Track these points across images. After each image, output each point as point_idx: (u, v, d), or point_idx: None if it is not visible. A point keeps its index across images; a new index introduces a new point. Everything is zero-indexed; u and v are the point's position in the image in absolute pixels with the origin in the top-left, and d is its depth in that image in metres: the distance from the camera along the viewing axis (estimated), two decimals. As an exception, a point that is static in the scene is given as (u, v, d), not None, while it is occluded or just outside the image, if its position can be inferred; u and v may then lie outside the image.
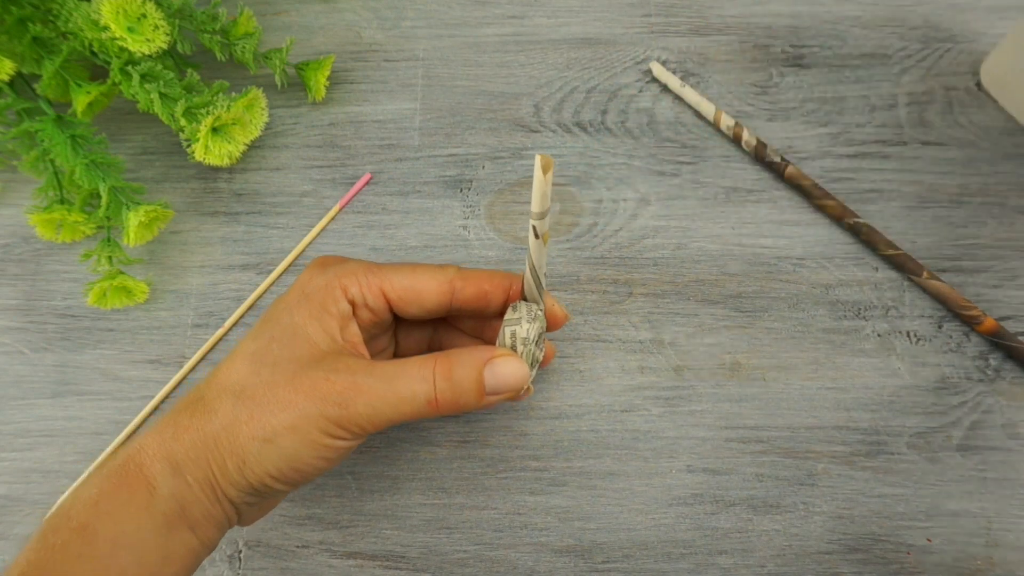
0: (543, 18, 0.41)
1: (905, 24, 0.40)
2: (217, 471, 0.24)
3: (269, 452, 0.24)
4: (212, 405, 0.25)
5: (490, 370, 0.26)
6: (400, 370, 0.25)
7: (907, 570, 0.31)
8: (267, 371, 0.25)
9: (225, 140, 0.35)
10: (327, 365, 0.25)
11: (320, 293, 0.27)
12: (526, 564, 0.32)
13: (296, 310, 0.26)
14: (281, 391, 0.24)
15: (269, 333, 0.26)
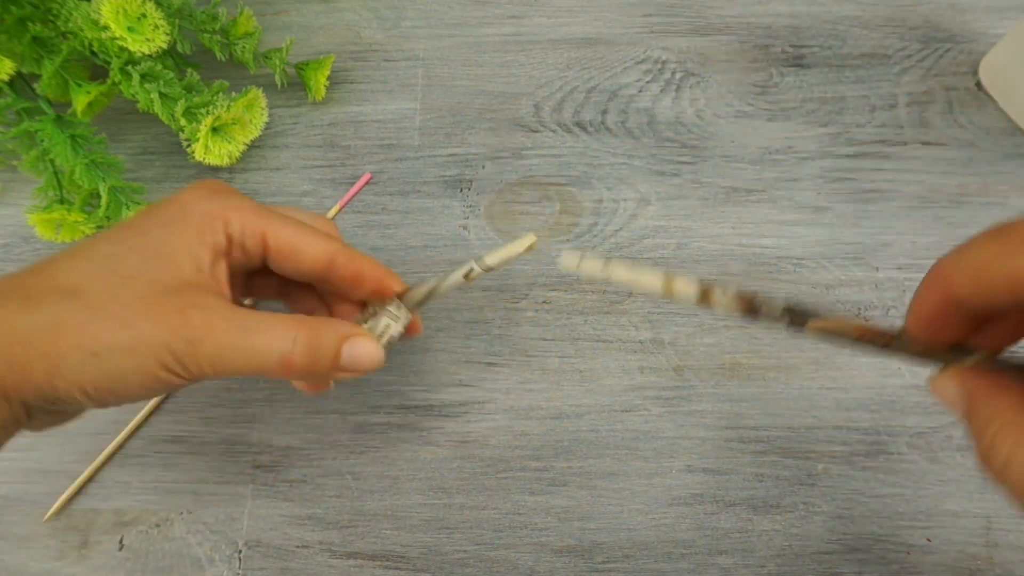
0: (543, 18, 0.41)
1: (905, 24, 0.40)
2: (18, 369, 0.22)
3: (91, 367, 0.22)
4: (36, 299, 0.23)
5: (350, 346, 0.25)
6: (261, 324, 0.24)
7: (907, 570, 0.31)
8: (117, 281, 0.23)
9: (225, 140, 0.35)
10: (187, 297, 0.23)
11: (200, 219, 0.25)
12: (526, 564, 0.32)
13: (170, 228, 0.25)
14: (126, 308, 0.23)
15: (131, 242, 0.24)
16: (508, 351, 0.35)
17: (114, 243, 0.24)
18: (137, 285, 0.23)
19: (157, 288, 0.23)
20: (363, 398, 0.35)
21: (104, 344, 0.22)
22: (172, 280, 0.24)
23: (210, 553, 0.33)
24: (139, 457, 0.34)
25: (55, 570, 0.33)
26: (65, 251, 0.25)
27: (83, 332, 0.22)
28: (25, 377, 0.22)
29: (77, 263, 0.24)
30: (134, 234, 0.25)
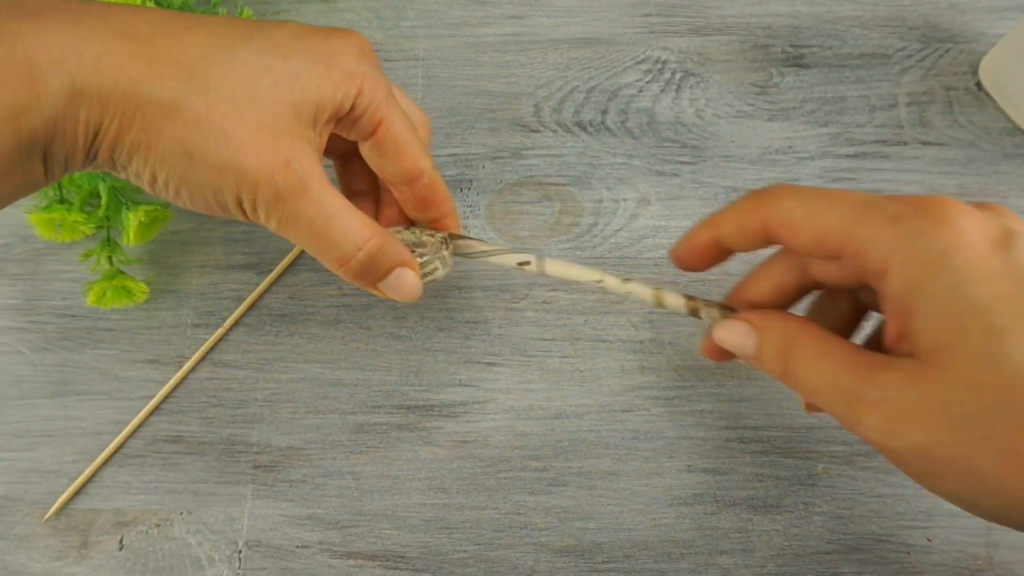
0: (543, 18, 0.41)
1: (905, 24, 0.40)
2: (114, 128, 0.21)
3: (178, 164, 0.22)
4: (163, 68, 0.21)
5: (398, 275, 0.26)
6: (342, 214, 0.24)
7: (907, 570, 0.31)
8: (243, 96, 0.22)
9: (225, 140, 0.35)
10: (296, 146, 0.23)
11: (343, 76, 0.24)
12: (526, 564, 0.32)
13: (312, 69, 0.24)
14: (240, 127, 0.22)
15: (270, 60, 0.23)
16: (508, 351, 0.35)
17: (256, 52, 0.23)
18: (260, 110, 0.22)
19: (275, 123, 0.23)
20: (363, 398, 0.35)
21: (203, 152, 0.22)
22: (291, 122, 0.23)
23: (210, 553, 0.33)
24: (139, 457, 0.34)
25: (55, 570, 0.33)
26: (204, 22, 0.23)
27: (192, 128, 0.21)
28: (116, 135, 0.21)
29: (215, 50, 0.22)
30: (277, 54, 0.24)
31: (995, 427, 0.19)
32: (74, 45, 0.20)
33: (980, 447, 0.19)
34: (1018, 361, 0.19)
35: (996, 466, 0.19)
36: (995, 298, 0.19)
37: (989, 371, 0.19)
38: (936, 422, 0.20)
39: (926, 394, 0.20)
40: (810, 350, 0.22)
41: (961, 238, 0.20)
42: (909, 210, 0.21)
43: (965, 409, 0.19)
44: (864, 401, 0.21)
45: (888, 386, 0.20)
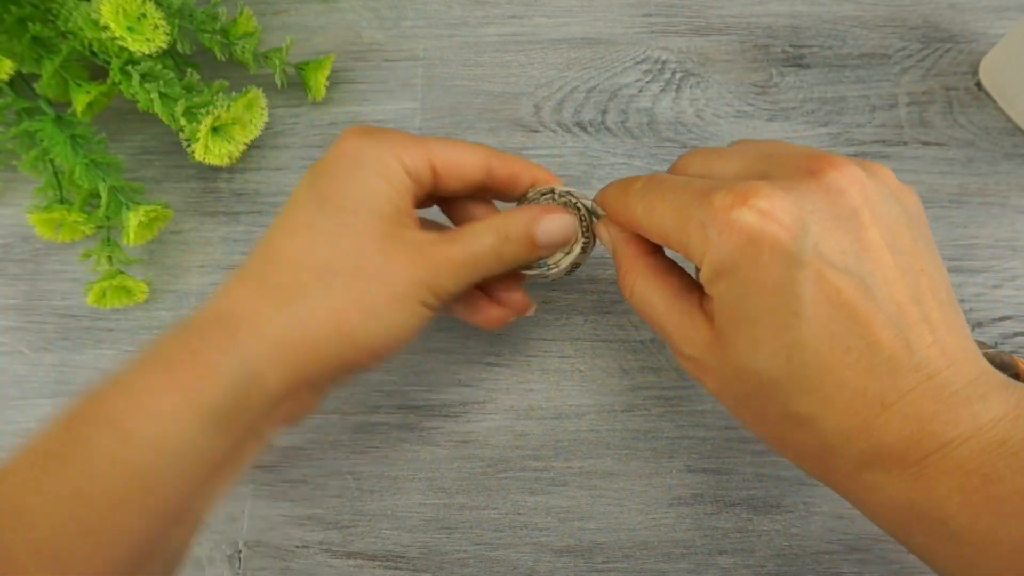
0: (543, 18, 0.41)
1: (905, 24, 0.40)
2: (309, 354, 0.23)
3: (374, 328, 0.24)
4: (291, 286, 0.23)
5: (542, 225, 0.27)
6: (469, 233, 0.26)
7: (907, 570, 0.31)
8: (348, 243, 0.24)
9: (225, 140, 0.35)
10: (408, 238, 0.25)
11: (378, 164, 0.25)
12: (526, 564, 0.32)
13: (359, 182, 0.25)
14: (373, 263, 0.24)
15: (333, 203, 0.25)
16: (508, 351, 0.35)
17: (315, 211, 0.25)
18: (369, 240, 0.24)
19: (384, 237, 0.25)
20: (363, 398, 0.35)
21: (374, 302, 0.24)
22: (389, 229, 0.25)
23: (210, 553, 0.33)
24: (139, 457, 0.34)
25: (55, 570, 0.33)
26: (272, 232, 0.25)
27: (357, 300, 0.24)
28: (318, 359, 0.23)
29: (298, 240, 0.25)
30: (327, 199, 0.25)
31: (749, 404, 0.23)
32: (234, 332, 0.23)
33: (741, 408, 0.24)
34: (768, 369, 0.22)
35: (751, 425, 0.24)
36: (764, 311, 0.21)
37: (747, 370, 0.22)
38: (717, 384, 0.24)
39: (715, 360, 0.23)
40: (640, 286, 0.26)
41: (748, 253, 0.21)
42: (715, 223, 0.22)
43: (733, 388, 0.23)
44: (677, 351, 0.25)
45: (695, 343, 0.24)
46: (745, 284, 0.21)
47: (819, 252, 0.21)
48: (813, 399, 0.21)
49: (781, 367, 0.21)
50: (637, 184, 0.25)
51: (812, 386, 0.21)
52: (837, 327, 0.21)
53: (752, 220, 0.21)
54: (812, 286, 0.21)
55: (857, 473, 0.21)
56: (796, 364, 0.21)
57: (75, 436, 0.20)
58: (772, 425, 0.23)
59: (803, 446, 0.22)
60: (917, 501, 0.20)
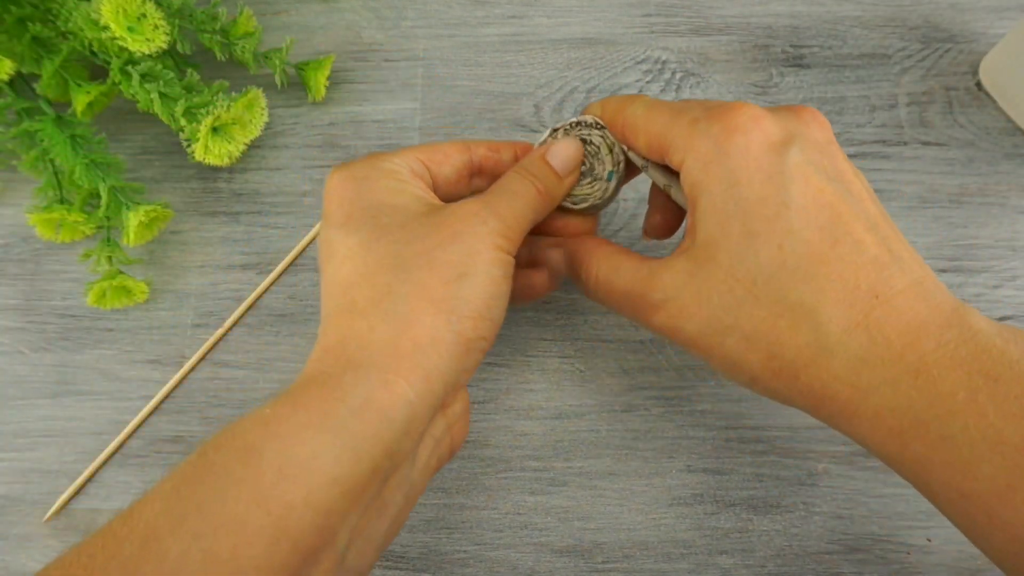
0: (543, 18, 0.41)
1: (905, 24, 0.40)
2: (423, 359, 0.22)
3: (468, 290, 0.23)
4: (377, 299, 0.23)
5: (551, 154, 0.28)
6: (500, 182, 0.27)
7: (907, 570, 0.31)
8: (401, 233, 0.24)
9: (225, 140, 0.35)
10: (451, 205, 0.25)
11: (380, 173, 0.26)
12: (526, 564, 0.32)
13: (373, 191, 0.25)
14: (434, 236, 0.24)
15: (363, 223, 0.24)
16: (508, 351, 0.35)
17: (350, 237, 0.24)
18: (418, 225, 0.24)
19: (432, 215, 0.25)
20: (363, 398, 0.35)
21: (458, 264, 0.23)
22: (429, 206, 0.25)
23: (210, 553, 0.33)
24: (139, 457, 0.34)
25: (55, 570, 0.33)
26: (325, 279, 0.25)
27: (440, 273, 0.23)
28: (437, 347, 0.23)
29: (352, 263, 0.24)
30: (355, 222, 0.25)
31: (739, 317, 0.22)
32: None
33: (729, 335, 0.23)
34: (764, 260, 0.22)
35: (741, 351, 0.23)
36: (755, 201, 0.22)
37: (740, 269, 0.22)
38: (701, 315, 0.23)
39: (694, 290, 0.23)
40: (605, 264, 0.26)
41: (740, 144, 0.22)
42: (705, 114, 0.23)
43: (721, 302, 0.22)
44: (650, 305, 0.24)
45: (666, 287, 0.24)
46: (734, 173, 0.22)
47: (804, 157, 0.22)
48: (807, 289, 0.21)
49: (774, 257, 0.21)
50: (639, 98, 0.27)
51: (806, 275, 0.21)
52: (824, 222, 0.22)
53: (743, 118, 0.22)
54: (799, 181, 0.22)
55: (856, 375, 0.21)
56: (788, 252, 0.21)
57: (209, 463, 0.20)
58: (767, 334, 0.22)
59: (800, 351, 0.22)
60: (917, 402, 0.20)
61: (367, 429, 0.21)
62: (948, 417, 0.20)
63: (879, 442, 0.21)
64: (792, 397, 0.23)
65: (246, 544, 0.18)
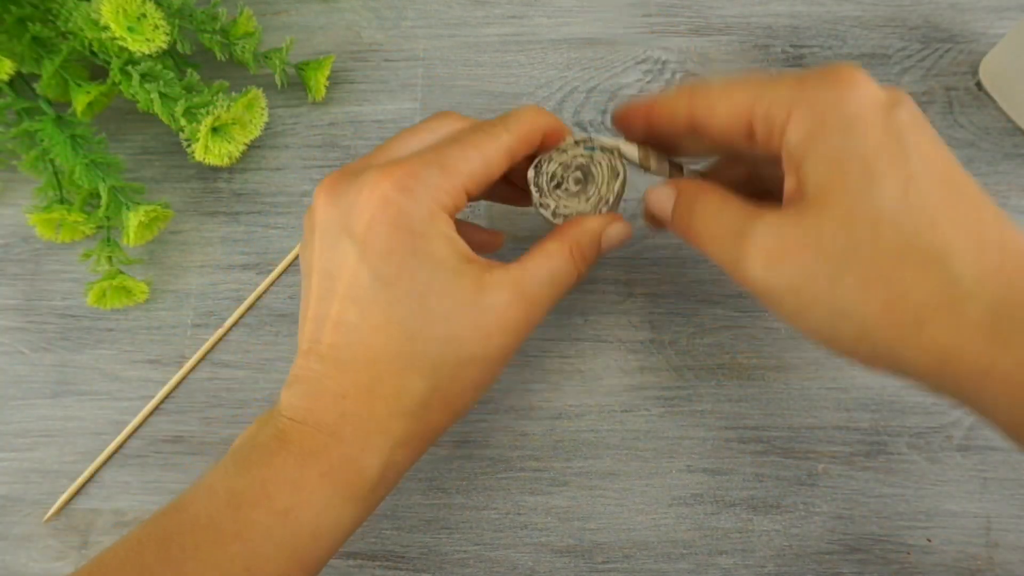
0: (543, 18, 0.41)
1: (905, 24, 0.40)
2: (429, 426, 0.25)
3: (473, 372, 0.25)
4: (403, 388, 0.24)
5: (606, 236, 0.28)
6: (543, 254, 0.26)
7: (907, 570, 0.31)
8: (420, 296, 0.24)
9: (225, 140, 0.35)
10: (487, 274, 0.25)
11: (430, 227, 0.24)
12: (526, 564, 0.32)
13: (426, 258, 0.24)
14: (458, 323, 0.24)
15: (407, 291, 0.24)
16: (508, 351, 0.35)
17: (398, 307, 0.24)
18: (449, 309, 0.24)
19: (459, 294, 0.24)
20: (363, 398, 0.35)
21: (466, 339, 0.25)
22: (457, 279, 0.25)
23: (210, 553, 0.33)
24: (139, 457, 0.34)
25: (55, 570, 0.33)
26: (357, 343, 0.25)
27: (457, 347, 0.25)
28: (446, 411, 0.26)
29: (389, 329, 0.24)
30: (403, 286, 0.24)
31: (858, 258, 0.21)
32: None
33: (843, 278, 0.21)
34: (888, 202, 0.21)
35: (855, 296, 0.21)
36: (875, 147, 0.21)
37: (861, 208, 0.21)
38: (809, 257, 0.21)
39: (803, 230, 0.22)
40: (711, 205, 0.25)
41: (854, 95, 0.22)
42: (816, 73, 0.23)
43: (836, 242, 0.21)
44: (749, 239, 0.23)
45: (771, 223, 0.23)
46: (852, 122, 0.22)
47: (912, 120, 0.22)
48: (937, 234, 0.20)
49: (900, 200, 0.21)
50: (711, 79, 0.26)
51: (932, 219, 0.21)
52: (943, 176, 0.21)
53: (855, 74, 0.22)
54: (913, 136, 0.22)
55: (992, 328, 0.19)
56: (913, 196, 0.21)
57: (250, 523, 0.22)
58: (890, 276, 0.21)
59: (932, 295, 0.20)
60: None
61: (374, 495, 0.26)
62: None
63: (1016, 404, 0.20)
64: (906, 356, 0.21)
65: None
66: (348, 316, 0.24)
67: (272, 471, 0.23)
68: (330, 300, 0.24)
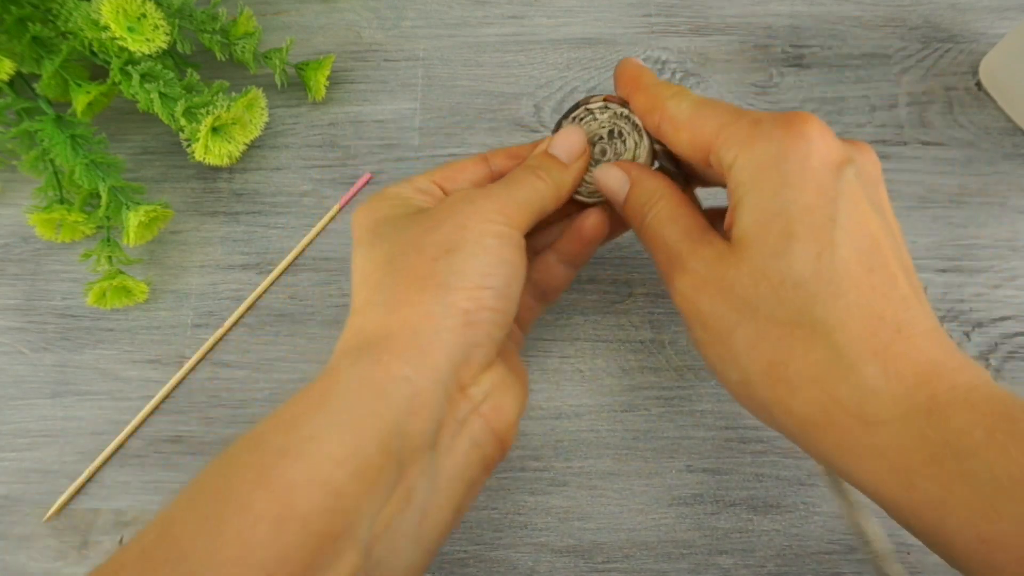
0: (543, 18, 0.41)
1: (905, 24, 0.40)
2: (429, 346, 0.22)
3: (459, 258, 0.23)
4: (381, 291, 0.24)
5: (552, 146, 0.28)
6: (507, 176, 0.27)
7: (907, 570, 0.31)
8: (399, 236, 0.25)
9: (225, 140, 0.35)
10: (449, 195, 0.26)
11: (398, 196, 0.27)
12: (526, 564, 0.32)
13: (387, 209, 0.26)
14: (423, 226, 0.24)
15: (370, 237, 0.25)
16: (508, 351, 0.35)
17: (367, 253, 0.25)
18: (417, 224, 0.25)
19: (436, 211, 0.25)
20: (363, 398, 0.35)
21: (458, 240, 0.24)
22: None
23: (210, 553, 0.33)
24: (139, 457, 0.34)
25: (55, 570, 0.33)
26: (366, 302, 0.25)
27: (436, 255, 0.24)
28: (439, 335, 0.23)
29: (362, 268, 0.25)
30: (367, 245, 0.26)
31: (756, 315, 0.22)
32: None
33: (738, 329, 0.22)
34: (797, 267, 0.21)
35: (744, 350, 0.22)
36: (803, 209, 0.21)
37: (771, 267, 0.21)
38: (721, 298, 0.23)
39: (722, 273, 0.23)
40: (665, 211, 0.25)
41: (800, 149, 0.22)
42: (771, 117, 0.23)
43: (742, 294, 0.22)
44: (682, 268, 0.24)
45: (701, 259, 0.23)
46: (788, 177, 0.22)
47: (858, 183, 0.22)
48: (834, 306, 0.21)
49: (809, 266, 0.21)
50: (681, 92, 0.26)
51: (836, 291, 0.21)
52: (864, 248, 0.21)
53: (810, 128, 0.22)
54: (850, 202, 0.22)
55: (863, 406, 0.20)
56: (825, 265, 0.21)
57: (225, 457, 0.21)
58: (778, 340, 0.21)
59: (809, 367, 0.21)
60: (931, 439, 0.19)
61: (363, 408, 0.21)
62: (967, 455, 0.19)
63: (879, 481, 0.20)
64: (779, 415, 0.22)
65: (250, 525, 0.18)
66: (352, 288, 0.25)
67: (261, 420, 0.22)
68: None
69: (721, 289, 0.23)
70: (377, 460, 0.20)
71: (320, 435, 0.20)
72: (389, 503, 0.21)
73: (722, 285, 0.23)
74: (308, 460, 0.20)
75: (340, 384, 0.21)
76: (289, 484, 0.19)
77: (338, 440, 0.20)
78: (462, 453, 0.24)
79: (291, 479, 0.19)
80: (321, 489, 0.19)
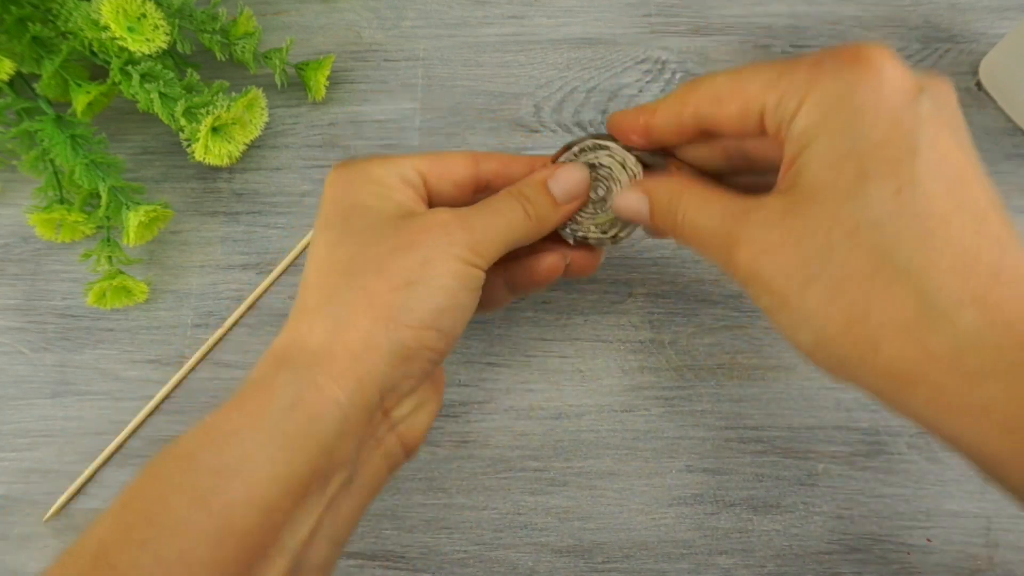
0: (543, 18, 0.41)
1: (905, 24, 0.40)
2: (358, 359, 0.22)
3: (415, 298, 0.23)
4: (325, 297, 0.23)
5: (553, 181, 0.27)
6: (492, 198, 0.26)
7: (907, 570, 0.31)
8: (366, 236, 0.24)
9: (225, 140, 0.35)
10: (429, 214, 0.25)
11: (370, 178, 0.26)
12: (526, 564, 0.32)
13: (359, 194, 0.25)
14: (395, 241, 0.24)
15: (341, 224, 0.25)
16: (508, 351, 0.35)
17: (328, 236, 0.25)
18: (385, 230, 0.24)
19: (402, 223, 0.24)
20: (363, 398, 0.35)
21: (408, 271, 0.23)
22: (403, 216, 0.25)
23: (210, 553, 0.33)
24: (139, 457, 0.34)
25: (55, 570, 0.33)
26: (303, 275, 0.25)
27: (390, 279, 0.23)
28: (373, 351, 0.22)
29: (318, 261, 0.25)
30: (335, 224, 0.25)
31: (829, 267, 0.19)
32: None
33: (811, 285, 0.20)
34: (874, 208, 0.19)
35: (818, 307, 0.20)
36: (878, 144, 0.19)
37: (845, 212, 0.19)
38: (785, 258, 0.20)
39: (787, 230, 0.20)
40: (693, 202, 0.24)
41: (869, 82, 0.20)
42: (833, 55, 0.21)
43: (814, 244, 0.20)
44: (736, 243, 0.22)
45: (755, 225, 0.21)
46: (859, 113, 0.20)
47: (935, 111, 0.20)
48: (921, 248, 0.18)
49: (888, 204, 0.19)
50: (712, 73, 0.24)
51: (921, 231, 0.19)
52: (950, 181, 0.19)
53: (877, 56, 0.20)
54: (930, 132, 0.19)
55: (961, 358, 0.18)
56: (907, 202, 0.19)
57: (153, 475, 0.21)
58: (856, 292, 0.19)
59: (894, 318, 0.19)
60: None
61: (298, 430, 0.21)
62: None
63: (983, 443, 0.18)
64: (862, 373, 0.20)
65: (191, 545, 0.19)
66: (306, 273, 0.25)
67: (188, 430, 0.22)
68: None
69: (784, 248, 0.20)
70: (307, 479, 0.21)
71: (256, 454, 0.20)
72: (320, 513, 0.22)
73: (786, 243, 0.20)
74: (244, 479, 0.20)
75: (275, 403, 0.21)
76: (227, 504, 0.20)
77: (273, 459, 0.20)
78: (375, 464, 0.25)
79: (229, 500, 0.20)
80: (257, 507, 0.20)
